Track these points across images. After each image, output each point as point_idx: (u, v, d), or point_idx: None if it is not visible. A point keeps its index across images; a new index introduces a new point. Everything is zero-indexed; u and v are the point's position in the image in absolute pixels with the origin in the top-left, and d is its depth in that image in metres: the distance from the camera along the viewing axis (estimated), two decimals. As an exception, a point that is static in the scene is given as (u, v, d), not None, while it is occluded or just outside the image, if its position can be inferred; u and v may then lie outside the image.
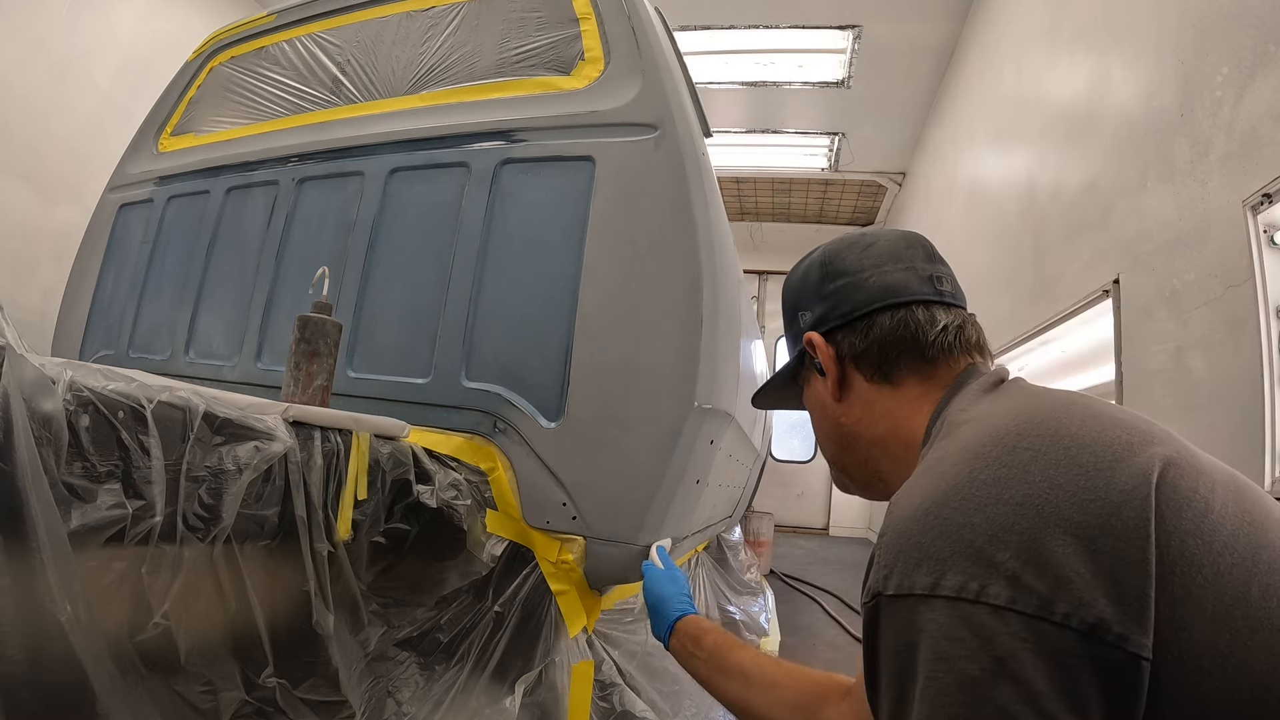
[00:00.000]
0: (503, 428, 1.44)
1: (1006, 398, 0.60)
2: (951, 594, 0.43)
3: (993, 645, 0.41)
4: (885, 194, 8.07)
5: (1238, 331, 1.86)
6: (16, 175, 3.66)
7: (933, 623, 0.43)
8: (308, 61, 2.08)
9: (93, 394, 0.72)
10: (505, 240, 1.56)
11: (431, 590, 1.28)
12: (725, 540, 3.38)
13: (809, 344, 0.74)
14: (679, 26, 5.35)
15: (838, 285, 0.73)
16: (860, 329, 0.70)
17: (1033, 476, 0.45)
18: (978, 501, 0.45)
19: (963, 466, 0.49)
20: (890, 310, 0.70)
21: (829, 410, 0.75)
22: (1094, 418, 0.50)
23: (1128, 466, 0.45)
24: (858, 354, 0.71)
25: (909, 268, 0.72)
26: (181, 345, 2.01)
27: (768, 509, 5.21)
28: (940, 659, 0.42)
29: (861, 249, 0.74)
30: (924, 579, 0.44)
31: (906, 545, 0.46)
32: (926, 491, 0.49)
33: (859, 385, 0.72)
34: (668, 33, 1.70)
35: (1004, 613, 0.41)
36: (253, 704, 0.88)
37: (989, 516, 0.44)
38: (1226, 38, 1.99)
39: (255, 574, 0.89)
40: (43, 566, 0.63)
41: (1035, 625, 0.41)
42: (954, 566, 0.43)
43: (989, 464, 0.47)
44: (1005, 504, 0.44)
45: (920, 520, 0.47)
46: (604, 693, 1.41)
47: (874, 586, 0.48)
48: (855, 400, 0.72)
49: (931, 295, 0.70)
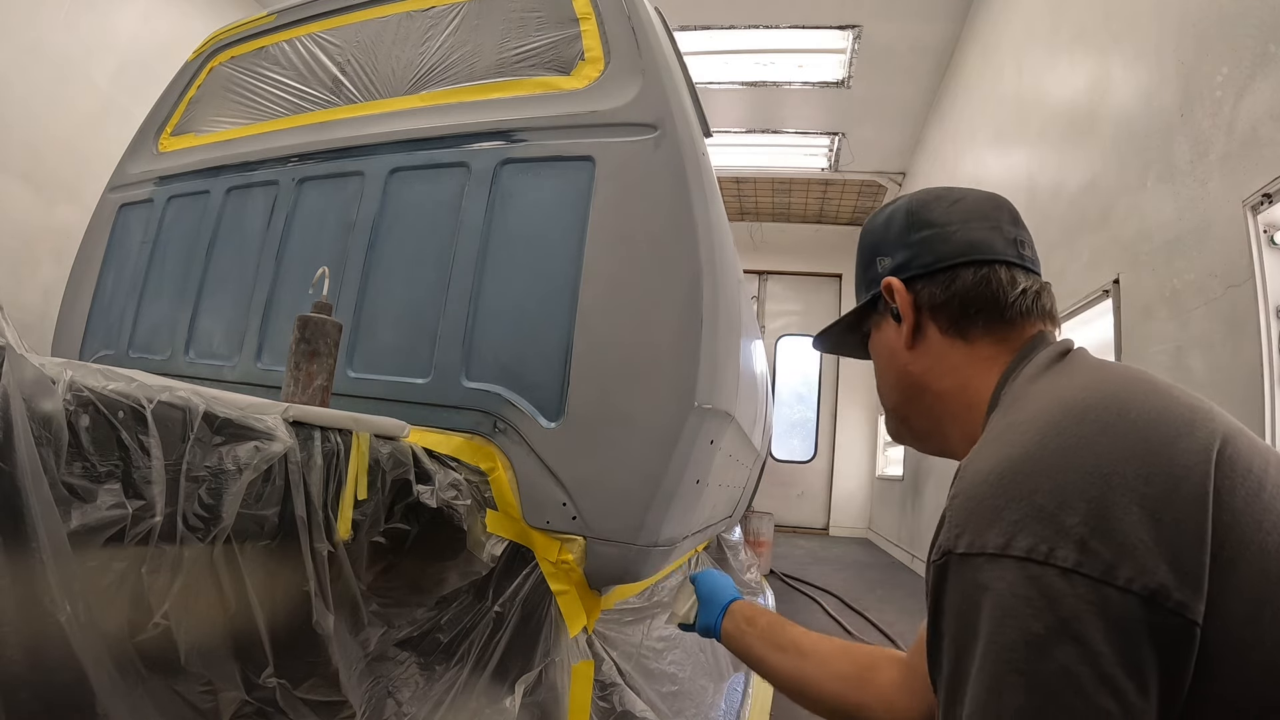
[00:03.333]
0: (503, 428, 1.44)
1: (1074, 370, 0.61)
2: (1021, 554, 0.44)
3: (1058, 606, 0.43)
4: (885, 194, 8.07)
5: (1238, 331, 1.86)
6: (16, 175, 3.66)
7: (1001, 580, 0.45)
8: (308, 61, 2.08)
9: (93, 394, 0.72)
10: (505, 240, 1.56)
11: (431, 590, 1.28)
12: (725, 540, 3.38)
13: (887, 289, 0.73)
14: (679, 26, 5.35)
15: (923, 235, 0.72)
16: (942, 280, 0.70)
17: (1100, 448, 0.47)
18: (1048, 469, 0.47)
19: (1034, 435, 0.50)
20: (974, 266, 0.69)
21: (898, 357, 0.75)
22: (1156, 393, 0.52)
23: (1189, 442, 0.47)
24: (936, 305, 0.71)
25: (994, 227, 0.72)
26: (181, 345, 2.01)
27: (768, 509, 5.21)
28: (1007, 616, 0.44)
29: (949, 203, 0.74)
30: (995, 539, 0.46)
31: (979, 507, 0.48)
32: (998, 457, 0.50)
33: (932, 336, 0.72)
34: (668, 33, 1.70)
35: (1071, 575, 0.43)
36: (253, 704, 0.88)
37: (1059, 483, 0.46)
38: (1226, 38, 1.99)
39: (255, 574, 0.89)
40: (43, 566, 0.63)
41: (1100, 589, 0.42)
42: (1025, 529, 0.45)
43: (1059, 434, 0.49)
44: (1075, 472, 0.46)
45: (993, 484, 0.48)
46: (604, 693, 1.41)
47: (945, 545, 0.49)
48: (926, 350, 0.72)
49: (1014, 258, 0.70)
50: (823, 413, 9.00)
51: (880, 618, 3.67)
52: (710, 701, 1.97)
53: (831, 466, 8.81)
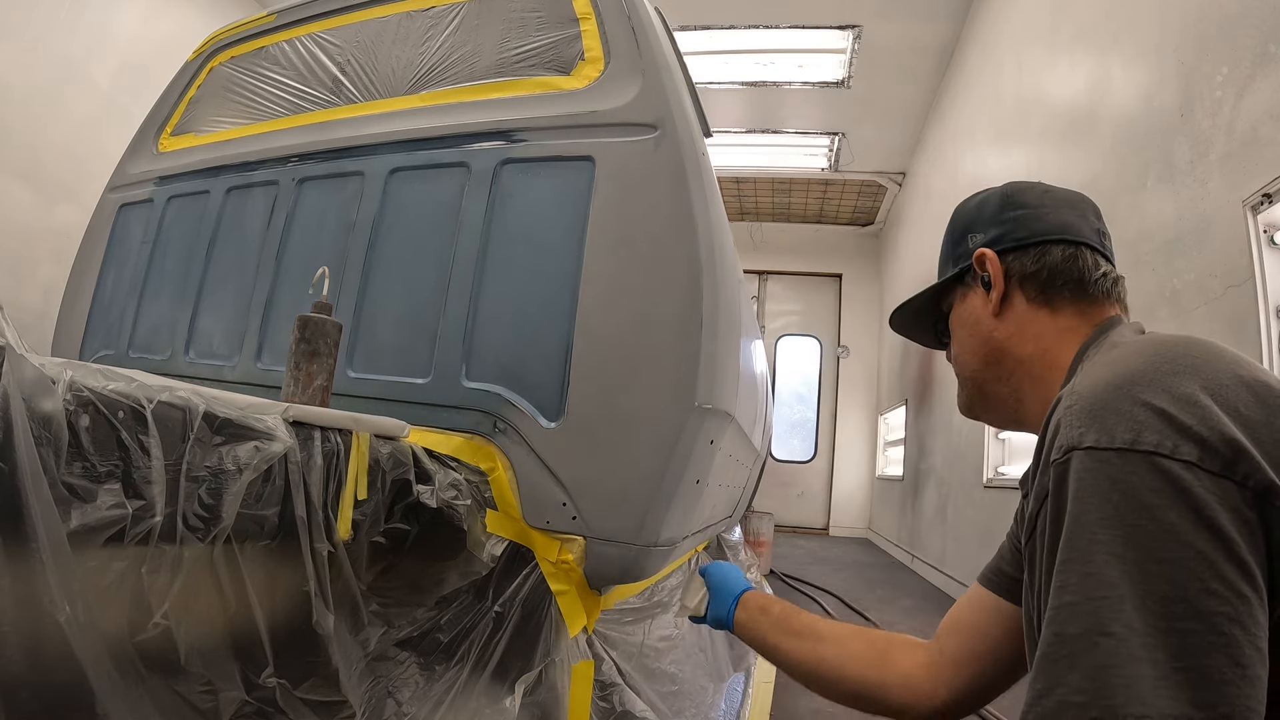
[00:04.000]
0: (503, 428, 1.44)
1: (1155, 335, 0.65)
2: (1150, 449, 0.47)
3: (1189, 496, 0.46)
4: (885, 194, 8.07)
5: (1238, 331, 1.86)
6: (16, 175, 3.66)
7: (1133, 474, 0.47)
8: (308, 61, 2.08)
9: (93, 394, 0.72)
10: (505, 240, 1.56)
11: (431, 590, 1.28)
12: (725, 540, 3.38)
13: (979, 260, 0.79)
14: (679, 26, 5.35)
15: (1017, 214, 0.78)
16: (1034, 254, 0.76)
17: (1205, 372, 0.52)
18: (1164, 382, 0.51)
19: (1145, 356, 0.55)
20: (1063, 245, 0.76)
21: (983, 325, 0.80)
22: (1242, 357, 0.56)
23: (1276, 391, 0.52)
24: (1026, 274, 0.76)
25: (1082, 215, 0.78)
26: (181, 345, 2.01)
27: (768, 509, 5.21)
28: (1143, 507, 0.46)
29: (1041, 191, 0.80)
30: (1124, 434, 0.49)
31: (1102, 409, 0.51)
32: (1112, 371, 0.54)
33: (1019, 304, 0.77)
34: (668, 33, 1.70)
35: (1195, 469, 0.46)
36: (253, 704, 0.88)
37: (1175, 394, 0.50)
38: (1226, 38, 1.99)
39: (255, 574, 0.89)
40: (42, 566, 0.63)
41: (1221, 482, 0.46)
42: (1149, 427, 0.48)
43: (1168, 358, 0.54)
44: (1188, 387, 0.50)
45: (1112, 391, 0.52)
46: (604, 693, 1.41)
47: (1067, 442, 0.51)
48: (1012, 317, 0.77)
49: (1098, 244, 0.77)
50: (823, 413, 9.00)
51: (880, 618, 3.67)
52: (710, 701, 1.97)
53: (831, 466, 8.81)
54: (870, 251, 9.17)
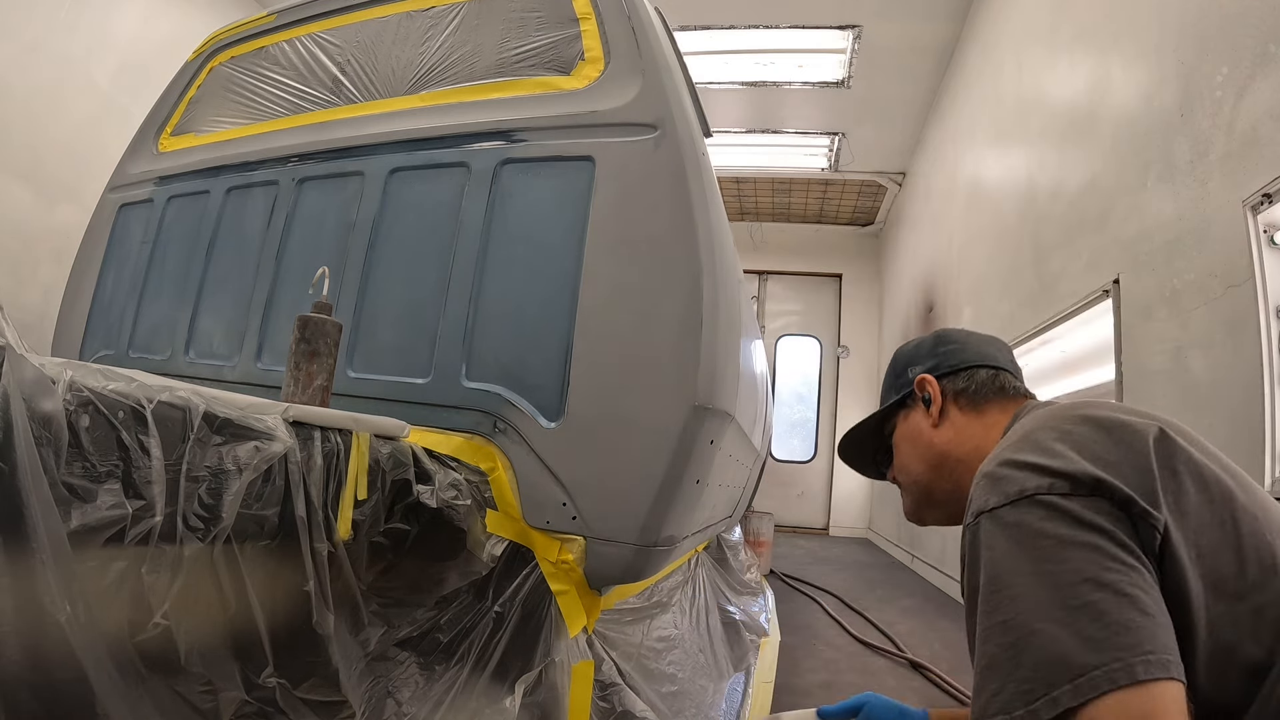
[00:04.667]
0: (503, 428, 1.44)
1: (1050, 407, 0.81)
2: (1032, 493, 0.62)
3: (1070, 513, 0.60)
4: (885, 194, 8.07)
5: (1238, 331, 1.86)
6: (16, 175, 3.66)
7: (1026, 514, 0.61)
8: (308, 61, 2.08)
9: (93, 394, 0.72)
10: (505, 240, 1.56)
11: (431, 590, 1.28)
12: (725, 540, 3.39)
13: (920, 384, 0.97)
14: (679, 26, 5.35)
15: (948, 348, 0.99)
16: (965, 375, 0.96)
17: (1066, 428, 0.68)
18: (1034, 443, 0.67)
19: (1024, 435, 0.71)
20: (988, 369, 0.96)
21: (924, 434, 0.97)
22: (1112, 410, 0.71)
23: (1133, 431, 0.66)
24: (958, 391, 0.95)
25: (1000, 350, 1.00)
26: (181, 345, 2.01)
27: (768, 509, 5.21)
28: (1038, 532, 0.60)
29: (965, 334, 1.02)
30: (1013, 490, 0.63)
31: (996, 477, 0.66)
32: (998, 453, 0.70)
33: (954, 414, 0.95)
34: (668, 33, 1.70)
35: (1069, 496, 0.61)
36: (253, 704, 0.88)
37: (1042, 449, 0.66)
38: (1226, 38, 1.99)
39: (255, 574, 0.89)
40: (43, 566, 0.63)
41: (1091, 500, 0.60)
42: (1029, 479, 0.63)
43: (1039, 426, 0.71)
44: (1050, 442, 0.66)
45: (999, 464, 0.67)
46: (604, 693, 1.41)
47: (976, 508, 0.66)
48: (949, 426, 0.95)
49: (1012, 369, 0.97)
50: (823, 413, 8.99)
51: (880, 618, 3.67)
52: (710, 702, 1.97)
53: (831, 466, 8.80)
54: (870, 251, 9.17)
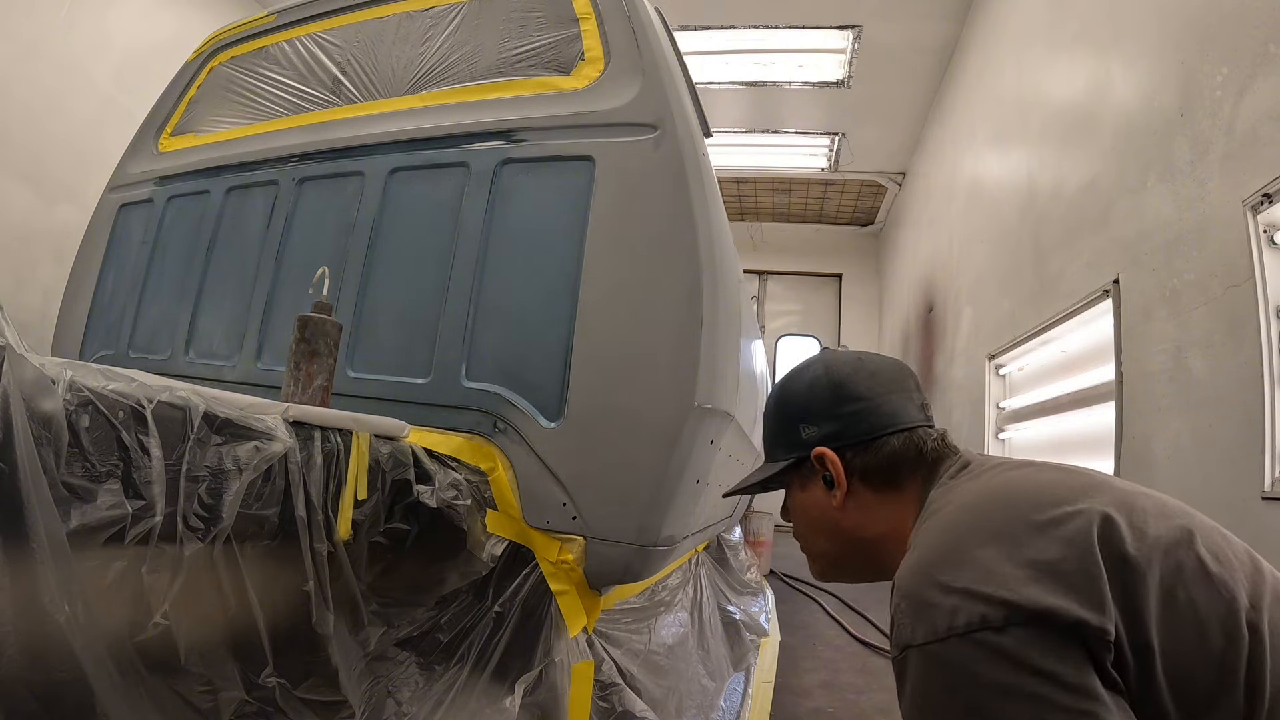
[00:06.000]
0: (503, 427, 1.44)
1: (971, 479, 0.72)
2: (963, 629, 0.54)
3: (1008, 654, 0.52)
4: (885, 194, 8.07)
5: (1238, 331, 1.86)
6: (16, 175, 3.66)
7: (957, 654, 0.54)
8: (308, 61, 2.08)
9: (93, 394, 0.72)
10: (505, 240, 1.56)
11: (431, 590, 1.28)
12: (725, 540, 3.39)
13: (819, 459, 0.82)
14: (679, 26, 5.34)
15: (854, 409, 0.82)
16: (874, 449, 0.80)
17: (1001, 536, 0.59)
18: (964, 558, 0.58)
19: (946, 533, 0.63)
20: (898, 433, 0.80)
21: (828, 515, 0.84)
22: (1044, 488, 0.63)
23: (1073, 521, 0.58)
24: (868, 469, 0.81)
25: (908, 396, 0.83)
26: (181, 345, 2.01)
27: (768, 509, 5.21)
28: (973, 677, 0.53)
29: (868, 375, 0.84)
30: (942, 624, 0.55)
31: (920, 604, 0.58)
32: (923, 561, 0.61)
33: (863, 494, 0.81)
34: (668, 33, 1.70)
35: (1005, 630, 0.53)
36: (253, 704, 0.88)
37: (975, 568, 0.57)
38: (1226, 38, 1.99)
39: (255, 574, 0.89)
40: (43, 566, 0.63)
41: (1032, 629, 0.52)
42: (960, 610, 0.55)
43: (966, 530, 0.61)
44: (984, 558, 0.57)
45: (926, 583, 0.59)
46: (604, 693, 1.41)
47: (901, 641, 0.59)
48: (857, 508, 0.82)
49: (923, 421, 0.83)
50: (823, 413, 8.97)
51: (879, 618, 3.67)
52: (710, 702, 1.97)
53: (831, 466, 8.78)
54: (870, 251, 9.17)
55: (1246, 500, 1.76)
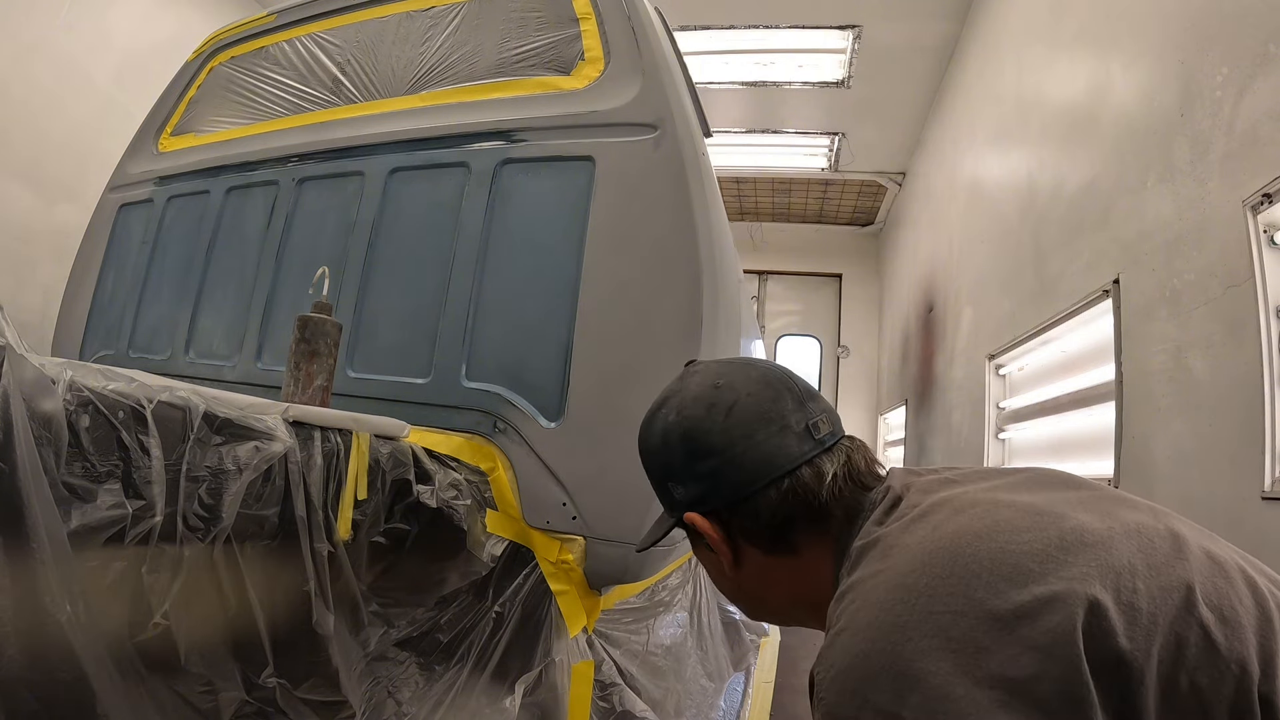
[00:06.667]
0: (503, 428, 1.44)
1: (906, 529, 0.56)
2: None
3: None
4: (885, 194, 8.07)
5: (1238, 331, 1.86)
6: (16, 175, 3.66)
7: None
8: (308, 61, 2.08)
9: (93, 394, 0.72)
10: (505, 240, 1.56)
11: (431, 590, 1.28)
12: (725, 540, 3.38)
13: (690, 524, 0.68)
14: (679, 26, 5.34)
15: (710, 466, 0.65)
16: (746, 510, 0.64)
17: (957, 640, 0.45)
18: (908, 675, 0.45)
19: (884, 632, 0.48)
20: (774, 484, 0.63)
21: (726, 579, 0.71)
22: (1005, 554, 0.48)
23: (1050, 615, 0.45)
24: (748, 531, 0.66)
25: (781, 427, 0.65)
26: (181, 345, 2.01)
27: (768, 509, 5.20)
28: None
29: (723, 415, 0.66)
30: None
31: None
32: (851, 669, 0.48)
33: (754, 556, 0.67)
34: (668, 33, 1.70)
35: None
36: (253, 704, 0.88)
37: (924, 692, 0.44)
38: (1226, 38, 1.99)
39: (255, 574, 0.89)
40: (43, 566, 0.63)
41: None
42: None
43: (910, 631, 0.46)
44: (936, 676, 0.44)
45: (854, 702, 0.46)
46: (604, 693, 1.41)
47: None
48: (753, 569, 0.68)
49: (812, 450, 0.64)
50: (823, 413, 8.97)
51: (880, 618, 3.66)
52: (710, 701, 1.97)
53: (831, 466, 8.78)
54: (870, 251, 9.17)
55: (1246, 500, 1.76)
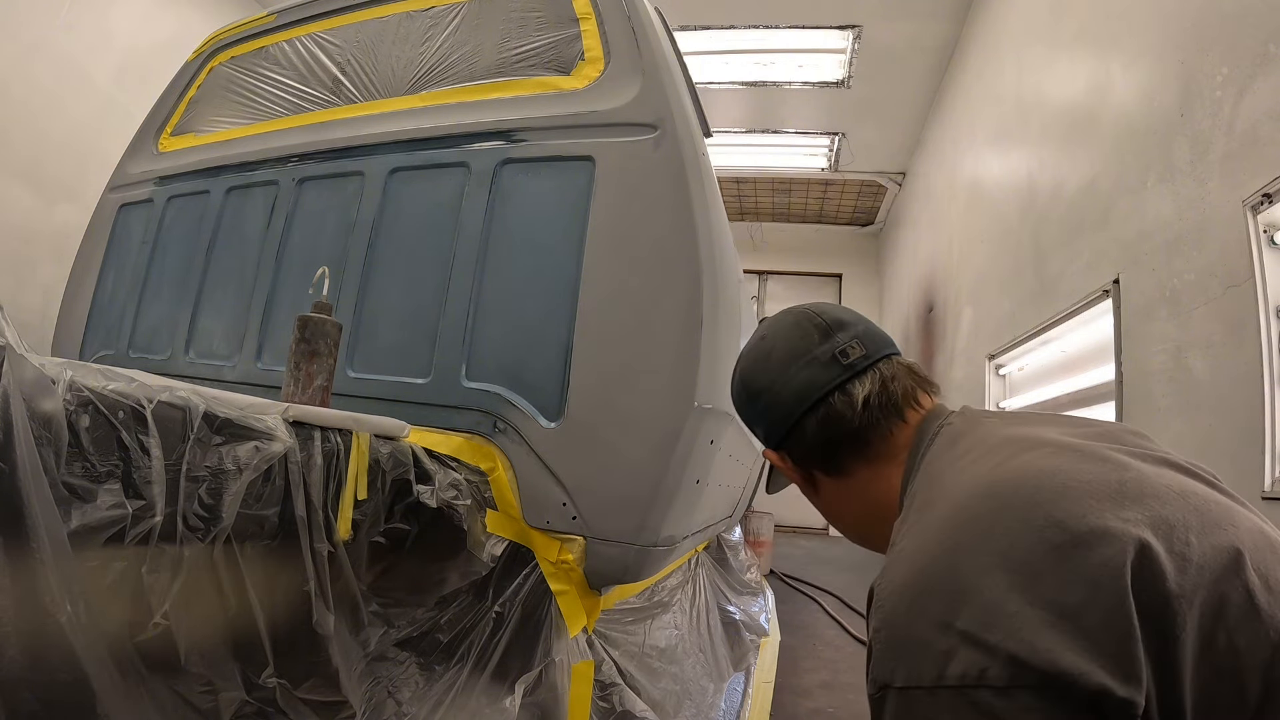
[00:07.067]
0: (503, 428, 1.44)
1: (972, 462, 0.59)
2: (956, 683, 0.44)
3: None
4: (885, 194, 8.07)
5: (1238, 331, 1.86)
6: (16, 175, 3.66)
7: (947, 711, 0.45)
8: (308, 61, 2.08)
9: (93, 394, 0.72)
10: (505, 240, 1.56)
11: (431, 590, 1.28)
12: (725, 540, 3.39)
13: (769, 459, 0.82)
14: (679, 26, 5.34)
15: (761, 406, 0.79)
16: (796, 438, 0.76)
17: (1013, 561, 0.47)
18: (964, 590, 0.47)
19: (944, 550, 0.50)
20: (810, 412, 0.73)
21: (813, 499, 0.83)
22: (1066, 490, 0.50)
23: (1103, 548, 0.46)
24: (805, 458, 0.77)
25: (809, 360, 0.75)
26: (181, 345, 2.01)
27: (768, 509, 5.21)
28: None
29: (764, 360, 0.79)
30: (929, 671, 0.46)
31: (906, 639, 0.48)
32: (910, 582, 0.51)
33: (822, 480, 0.78)
34: (668, 33, 1.70)
35: (1010, 691, 0.43)
36: (253, 704, 0.88)
37: (979, 604, 0.46)
38: (1226, 38, 1.99)
39: (255, 574, 0.89)
40: (43, 566, 0.63)
41: (1042, 693, 0.42)
42: (954, 656, 0.45)
43: (968, 550, 0.49)
44: (991, 592, 0.46)
45: (911, 610, 0.49)
46: (604, 693, 1.41)
47: (880, 678, 0.49)
48: (826, 491, 0.79)
49: (841, 375, 0.73)
50: (823, 413, 8.97)
51: (880, 618, 3.66)
52: (710, 701, 1.97)
53: (831, 466, 8.78)
54: (870, 251, 9.17)
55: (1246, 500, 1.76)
